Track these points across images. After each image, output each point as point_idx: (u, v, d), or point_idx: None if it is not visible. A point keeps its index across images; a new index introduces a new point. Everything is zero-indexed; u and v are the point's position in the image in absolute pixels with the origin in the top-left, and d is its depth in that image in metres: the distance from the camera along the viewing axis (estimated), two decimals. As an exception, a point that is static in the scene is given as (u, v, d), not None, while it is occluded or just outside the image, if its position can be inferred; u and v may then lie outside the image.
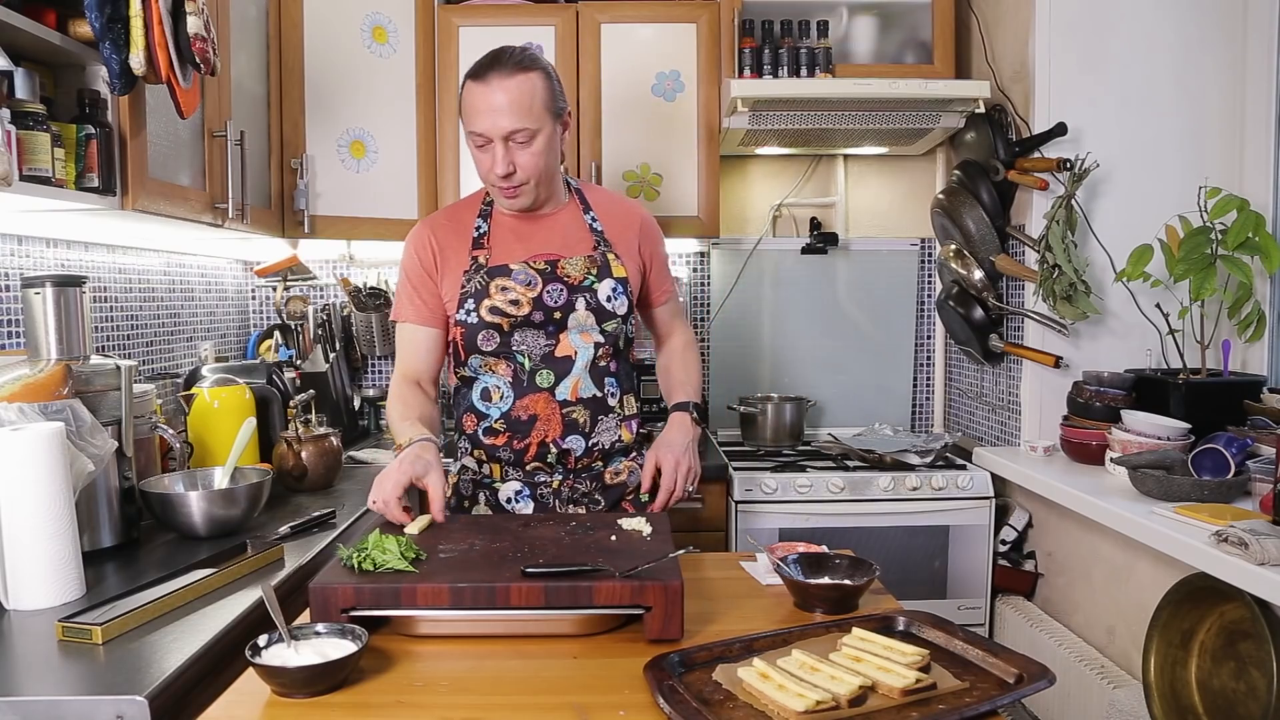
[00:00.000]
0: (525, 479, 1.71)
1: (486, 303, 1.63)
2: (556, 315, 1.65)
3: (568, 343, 1.67)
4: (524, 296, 1.63)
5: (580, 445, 1.69)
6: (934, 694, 1.00)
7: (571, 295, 1.65)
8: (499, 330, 1.64)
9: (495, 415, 1.68)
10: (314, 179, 2.53)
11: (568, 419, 1.68)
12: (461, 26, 2.74)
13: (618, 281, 1.70)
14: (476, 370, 1.69)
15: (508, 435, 1.68)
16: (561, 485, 1.71)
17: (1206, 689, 1.80)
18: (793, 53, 2.69)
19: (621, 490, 1.75)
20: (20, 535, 1.31)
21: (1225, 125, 2.42)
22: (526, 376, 1.66)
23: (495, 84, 1.56)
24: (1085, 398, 2.27)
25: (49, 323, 1.57)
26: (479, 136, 1.59)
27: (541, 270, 1.65)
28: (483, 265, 1.66)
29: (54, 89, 1.65)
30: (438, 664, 1.12)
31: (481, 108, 1.57)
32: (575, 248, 1.70)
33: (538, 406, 1.67)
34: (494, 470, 1.73)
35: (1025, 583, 2.55)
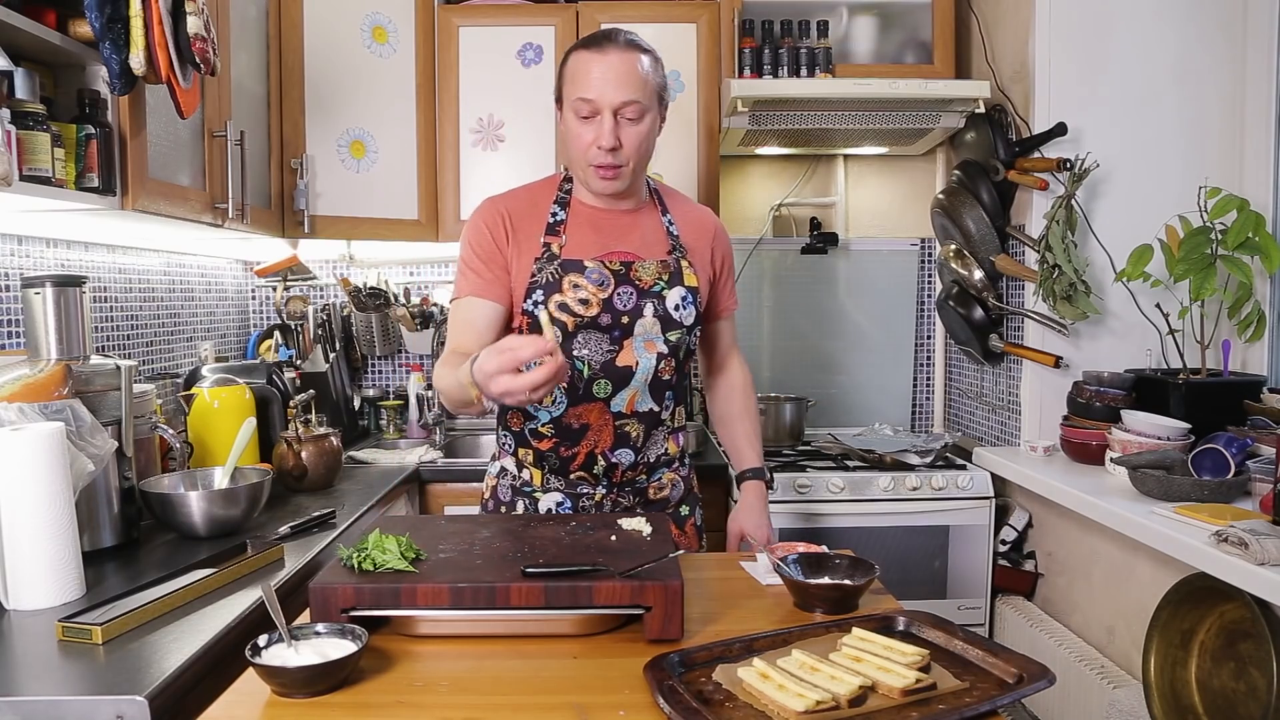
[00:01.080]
0: (567, 489, 1.65)
1: (556, 298, 1.56)
2: (624, 320, 1.58)
3: (630, 352, 1.60)
4: (594, 297, 1.56)
5: (629, 459, 1.64)
6: (934, 694, 1.00)
7: (641, 300, 1.59)
8: (564, 330, 1.57)
9: (544, 419, 1.62)
10: (314, 179, 2.53)
11: (619, 431, 1.62)
12: (461, 26, 2.74)
13: (688, 290, 1.64)
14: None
15: (555, 441, 1.63)
16: (604, 498, 1.66)
17: (1206, 689, 1.80)
18: (793, 53, 2.69)
19: (663, 506, 1.71)
20: (20, 535, 1.31)
21: (1225, 125, 2.42)
22: (583, 384, 1.59)
23: (612, 54, 1.51)
24: (1085, 398, 2.27)
25: (49, 323, 1.57)
26: (587, 104, 1.51)
27: (616, 271, 1.58)
28: (556, 255, 1.58)
29: (54, 89, 1.65)
30: (438, 664, 1.12)
31: (595, 75, 1.50)
32: (651, 250, 1.63)
33: (590, 416, 1.61)
34: (534, 477, 1.67)
35: (1025, 583, 2.55)
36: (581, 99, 1.52)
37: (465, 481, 2.53)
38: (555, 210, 1.63)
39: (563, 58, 1.60)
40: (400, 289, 3.09)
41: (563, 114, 1.59)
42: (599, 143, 1.53)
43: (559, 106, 1.61)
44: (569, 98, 1.55)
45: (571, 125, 1.56)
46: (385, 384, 3.17)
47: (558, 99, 1.61)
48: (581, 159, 1.57)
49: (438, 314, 3.02)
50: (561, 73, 1.59)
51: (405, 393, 3.04)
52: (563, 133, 1.62)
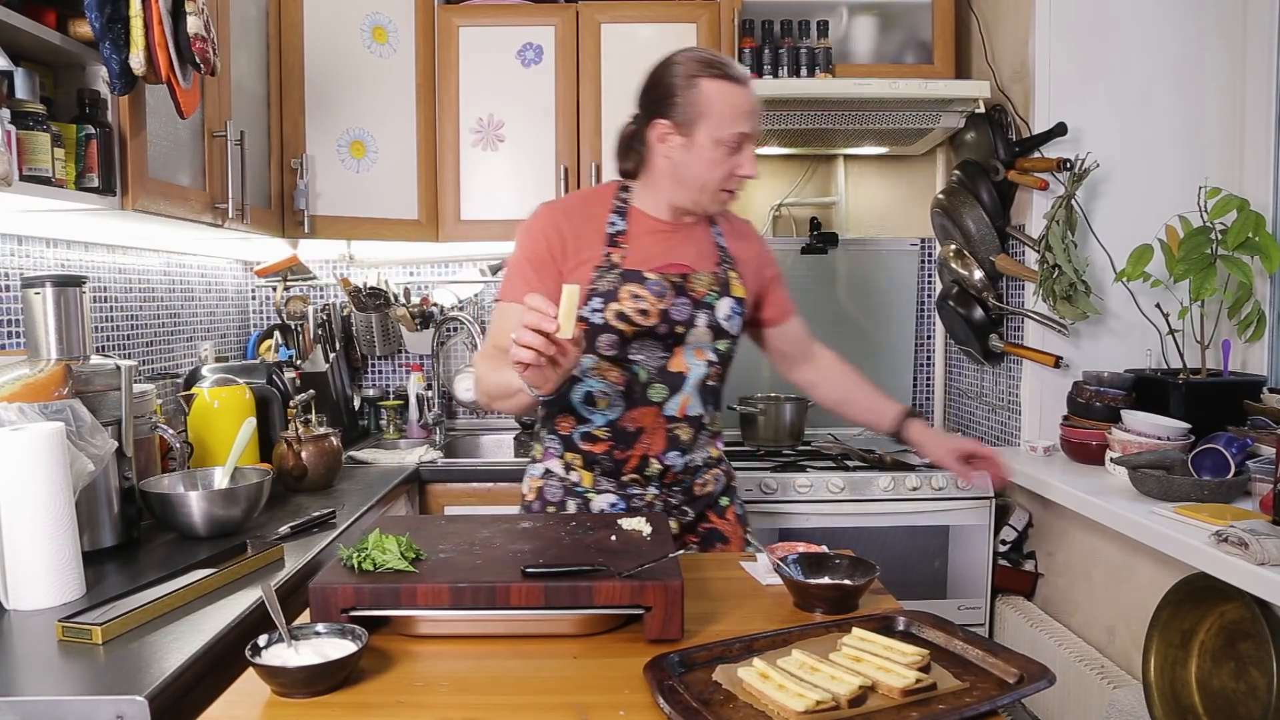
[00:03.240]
0: (618, 490, 1.67)
1: (615, 306, 1.57)
2: (678, 330, 1.61)
3: (682, 359, 1.63)
4: (653, 307, 1.58)
5: (680, 462, 1.67)
6: (934, 694, 1.00)
7: (695, 311, 1.61)
8: (621, 337, 1.58)
9: (599, 422, 1.63)
10: (314, 179, 2.53)
11: (671, 434, 1.65)
12: (461, 26, 2.74)
13: (736, 301, 1.67)
14: (585, 371, 1.61)
15: (610, 444, 1.64)
16: (655, 499, 1.68)
17: (1206, 689, 1.80)
18: (793, 53, 2.69)
19: (708, 499, 1.75)
20: (20, 535, 1.31)
21: (1225, 125, 2.42)
22: (640, 388, 1.61)
23: (749, 85, 1.55)
24: (1085, 398, 2.27)
25: (49, 323, 1.57)
26: (741, 136, 1.54)
27: (675, 283, 1.60)
28: (616, 265, 1.59)
29: (54, 89, 1.65)
30: (438, 664, 1.12)
31: (746, 109, 1.54)
32: (703, 262, 1.65)
33: (645, 420, 1.63)
34: (585, 479, 1.68)
35: (1025, 583, 2.55)
36: (737, 133, 1.54)
37: (465, 481, 2.53)
38: (614, 220, 1.64)
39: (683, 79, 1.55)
40: (400, 289, 3.09)
41: (690, 138, 1.55)
42: (742, 171, 1.57)
43: (679, 130, 1.55)
44: (716, 128, 1.53)
45: (708, 152, 1.55)
46: (385, 384, 3.17)
47: (678, 121, 1.55)
48: (713, 183, 1.58)
49: (438, 314, 3.02)
50: (692, 98, 1.54)
51: (405, 393, 3.04)
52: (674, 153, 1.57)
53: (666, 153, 1.58)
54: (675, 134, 1.56)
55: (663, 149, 1.58)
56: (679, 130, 1.56)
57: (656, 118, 1.57)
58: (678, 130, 1.56)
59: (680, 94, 1.54)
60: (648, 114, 1.60)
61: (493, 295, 3.14)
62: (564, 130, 2.76)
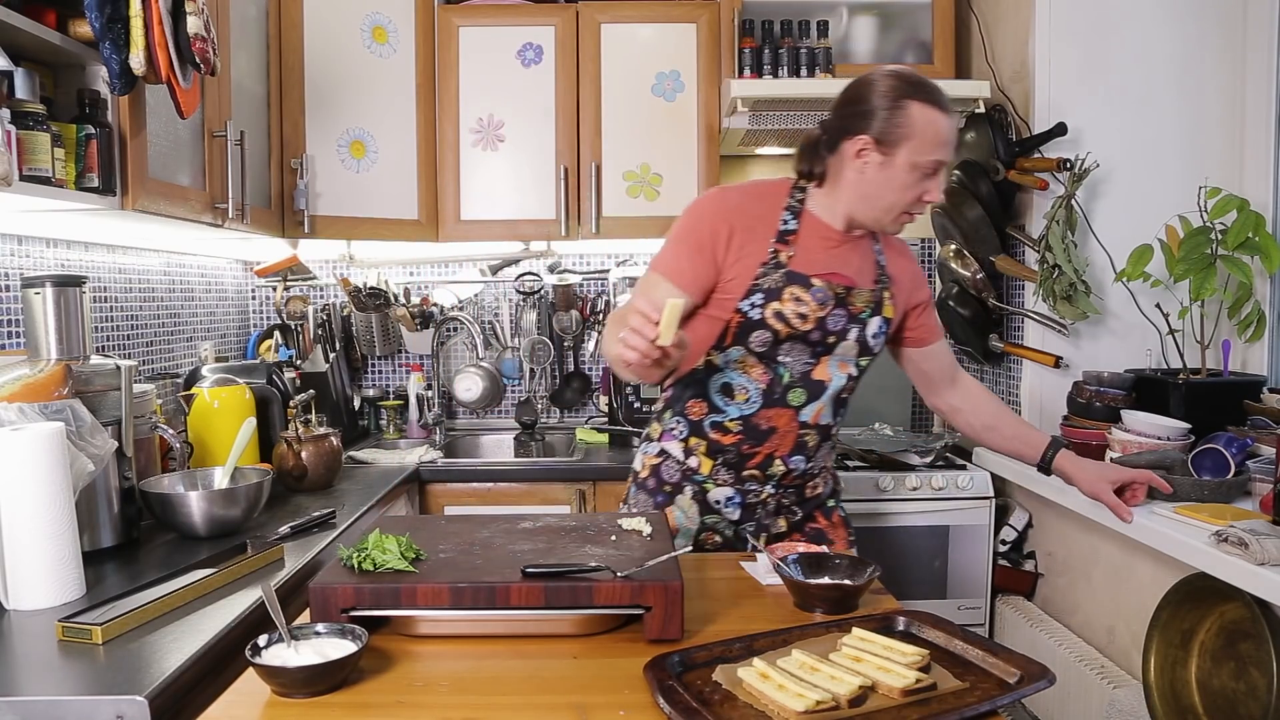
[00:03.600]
0: (736, 483, 1.68)
1: (775, 305, 1.57)
2: (830, 340, 1.61)
3: (826, 368, 1.63)
4: (813, 314, 1.58)
5: (801, 466, 1.68)
6: (934, 694, 1.00)
7: (848, 324, 1.62)
8: (775, 337, 1.58)
9: (733, 414, 1.64)
10: (314, 179, 2.53)
11: (800, 439, 1.65)
12: (461, 26, 2.74)
13: (884, 321, 1.67)
14: (729, 363, 1.62)
15: (740, 438, 1.64)
16: (769, 497, 1.69)
17: (1206, 689, 1.80)
18: (793, 53, 2.69)
19: (817, 500, 1.76)
20: (20, 535, 1.31)
21: (1225, 125, 2.42)
22: (781, 390, 1.62)
23: (952, 114, 1.56)
24: (1085, 398, 2.27)
25: (49, 323, 1.57)
26: (937, 163, 1.54)
27: (838, 293, 1.60)
28: (783, 264, 1.59)
29: (54, 89, 1.65)
30: (438, 664, 1.12)
31: (947, 136, 1.54)
32: (863, 278, 1.65)
33: (780, 421, 1.63)
34: (704, 466, 1.68)
35: (1025, 583, 2.55)
36: (939, 159, 1.54)
37: (465, 481, 2.53)
38: (787, 218, 1.63)
39: (889, 99, 1.53)
40: (400, 289, 3.09)
41: (889, 158, 1.54)
42: (929, 196, 1.57)
43: (880, 148, 1.54)
44: (917, 152, 1.53)
45: (903, 174, 1.54)
46: (385, 384, 3.17)
47: (879, 139, 1.53)
48: (900, 205, 1.58)
49: (438, 314, 3.02)
50: (899, 118, 1.53)
51: (405, 393, 3.04)
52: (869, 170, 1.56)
53: (860, 168, 1.57)
54: (875, 151, 1.55)
55: (857, 164, 1.57)
56: (879, 148, 1.54)
57: (858, 133, 1.55)
58: (878, 148, 1.54)
59: (886, 113, 1.53)
60: (845, 126, 1.58)
61: (492, 295, 3.14)
62: (564, 130, 2.76)
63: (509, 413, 3.16)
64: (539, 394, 3.14)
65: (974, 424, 1.84)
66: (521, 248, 3.04)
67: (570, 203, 2.77)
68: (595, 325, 3.11)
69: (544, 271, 3.10)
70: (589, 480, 2.54)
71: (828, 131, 1.62)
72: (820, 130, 1.64)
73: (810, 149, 1.65)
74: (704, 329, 1.62)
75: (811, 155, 1.64)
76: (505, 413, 3.17)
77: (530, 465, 2.59)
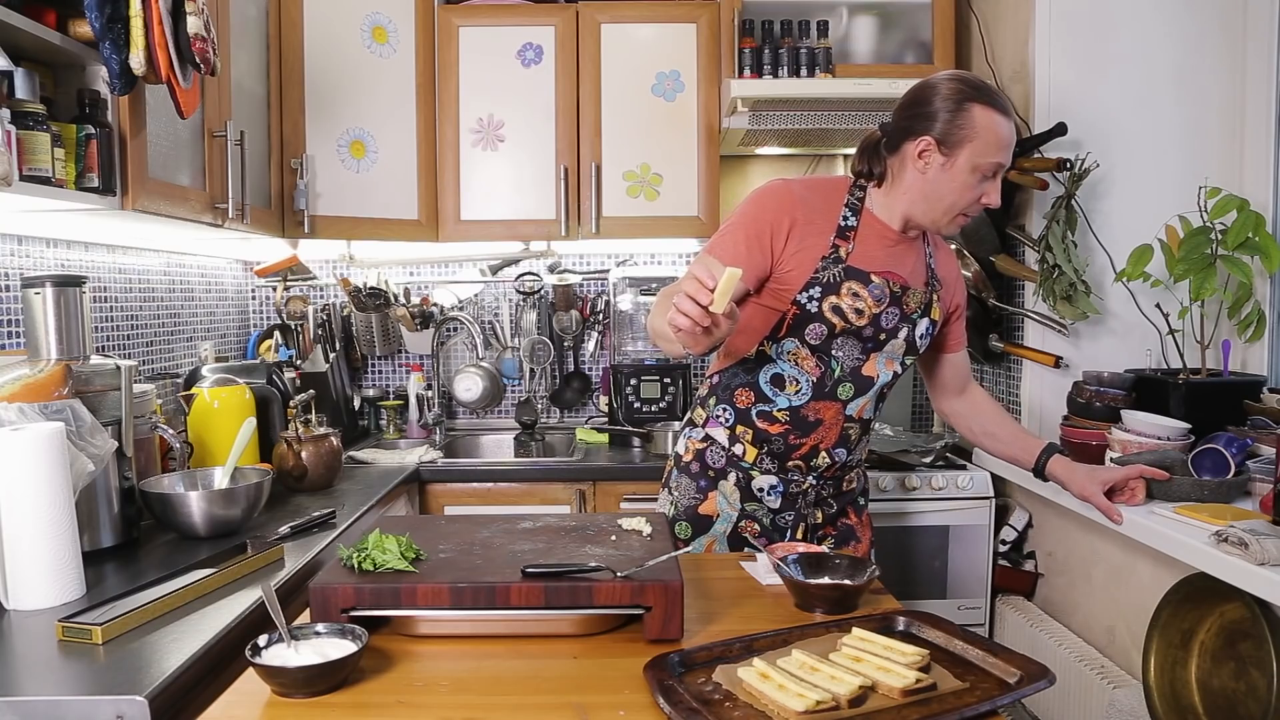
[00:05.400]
0: (779, 473, 1.70)
1: (832, 299, 1.59)
2: (881, 337, 1.64)
3: (874, 364, 1.66)
4: (869, 310, 1.60)
5: (843, 458, 1.71)
6: (934, 694, 1.00)
7: (900, 323, 1.65)
8: (830, 330, 1.61)
9: (781, 405, 1.66)
10: (314, 179, 2.53)
11: (844, 432, 1.68)
12: (461, 26, 2.74)
13: (932, 323, 1.70)
14: (782, 353, 1.64)
15: (787, 428, 1.66)
16: (810, 488, 1.71)
17: (1206, 689, 1.80)
18: (793, 53, 2.69)
19: (850, 496, 1.79)
20: (20, 535, 1.31)
21: (1225, 125, 2.42)
22: (831, 383, 1.64)
23: (1013, 118, 1.57)
24: (1085, 398, 2.27)
25: (49, 323, 1.57)
26: (997, 166, 1.56)
27: (894, 292, 1.63)
28: (842, 259, 1.61)
29: (54, 89, 1.65)
30: (438, 664, 1.12)
31: (1007, 140, 1.56)
32: (915, 279, 1.68)
33: (827, 414, 1.66)
34: (748, 454, 1.70)
35: (1025, 583, 2.55)
36: (998, 162, 1.56)
37: (465, 481, 2.53)
38: (847, 214, 1.65)
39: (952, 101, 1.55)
40: (400, 289, 3.09)
41: (950, 159, 1.56)
42: (987, 199, 1.59)
43: (942, 149, 1.56)
44: (978, 154, 1.55)
45: (963, 176, 1.56)
46: (385, 384, 3.17)
47: (942, 140, 1.55)
48: (958, 206, 1.59)
49: (438, 314, 3.02)
50: (962, 120, 1.54)
51: (405, 393, 3.04)
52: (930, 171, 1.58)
53: (922, 169, 1.58)
54: (937, 152, 1.56)
55: (919, 165, 1.58)
56: (941, 149, 1.56)
57: (920, 134, 1.57)
58: (940, 149, 1.56)
59: (948, 115, 1.55)
60: (907, 128, 1.59)
61: (492, 295, 3.14)
62: (564, 130, 2.76)
63: (509, 413, 3.16)
64: (539, 394, 3.14)
65: (975, 430, 1.89)
66: (521, 248, 3.04)
67: (570, 203, 2.77)
68: (595, 325, 3.11)
69: (544, 271, 3.10)
70: (589, 480, 2.54)
71: (889, 132, 1.64)
72: (880, 131, 1.66)
73: (871, 149, 1.66)
74: (758, 319, 1.64)
75: (872, 155, 1.66)
76: (505, 413, 3.17)
77: (530, 465, 2.59)
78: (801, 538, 1.70)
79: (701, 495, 1.73)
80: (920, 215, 1.63)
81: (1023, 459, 1.85)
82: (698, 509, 1.72)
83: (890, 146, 1.63)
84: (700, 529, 1.72)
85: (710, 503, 1.72)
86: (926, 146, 1.57)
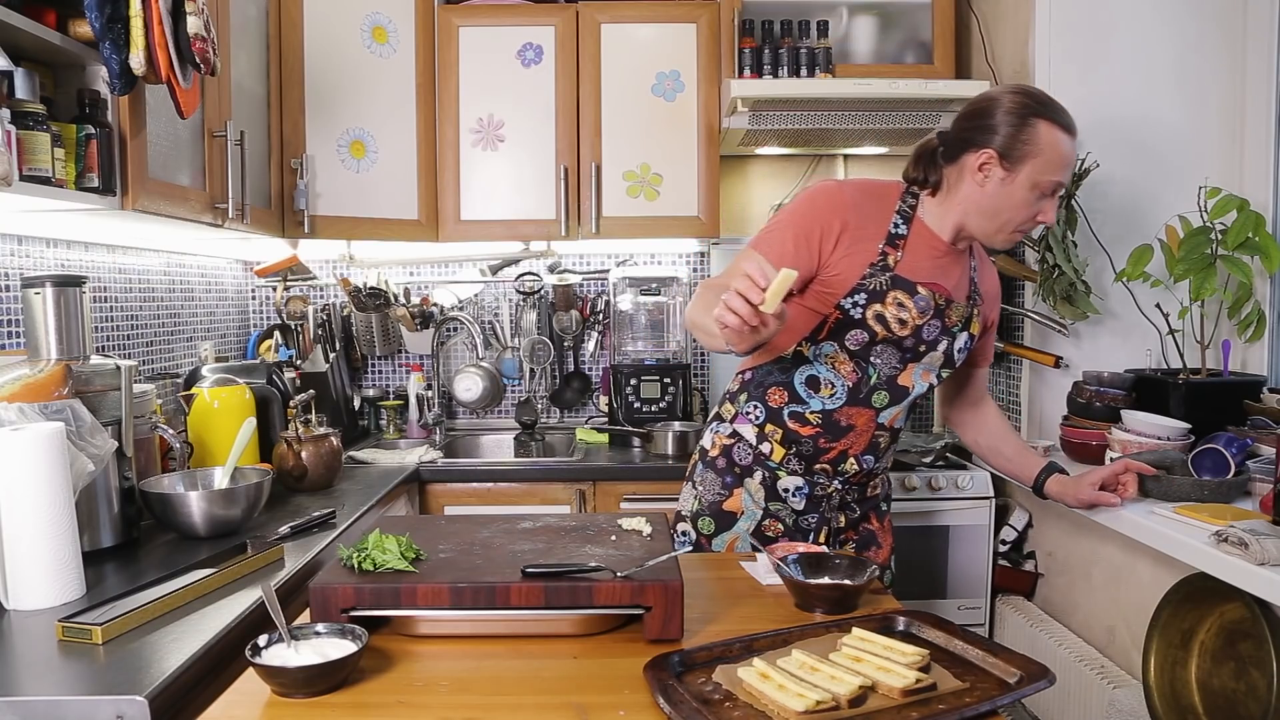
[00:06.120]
0: (806, 474, 1.69)
1: (876, 307, 1.58)
2: (921, 349, 1.63)
3: (911, 375, 1.65)
4: (913, 321, 1.59)
5: (870, 464, 1.70)
6: (934, 694, 1.00)
7: (940, 336, 1.64)
8: (871, 337, 1.59)
9: (815, 407, 1.65)
10: (314, 179, 2.53)
11: (874, 440, 1.68)
12: (461, 26, 2.74)
13: (970, 337, 1.70)
14: (820, 356, 1.63)
15: (818, 431, 1.65)
16: (835, 491, 1.70)
17: (1206, 689, 1.80)
18: (793, 53, 2.69)
19: (873, 501, 1.78)
20: (20, 535, 1.31)
21: (1225, 125, 2.42)
22: (867, 390, 1.63)
23: (1074, 136, 1.57)
24: (1085, 398, 2.27)
25: (49, 323, 1.57)
26: (1057, 184, 1.55)
27: (938, 304, 1.61)
28: (890, 268, 1.59)
29: (54, 89, 1.65)
30: (438, 664, 1.12)
31: (1070, 159, 1.56)
32: (959, 292, 1.67)
33: (860, 420, 1.65)
34: (776, 453, 1.68)
35: (1025, 583, 2.55)
36: (1058, 181, 1.55)
37: (465, 481, 2.53)
38: (898, 222, 1.63)
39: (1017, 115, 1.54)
40: (400, 289, 3.09)
41: (1011, 174, 1.55)
42: (1043, 217, 1.58)
43: (1004, 163, 1.55)
44: (1040, 171, 1.54)
45: (1023, 192, 1.55)
46: (385, 384, 3.17)
47: (1004, 154, 1.54)
48: (1014, 222, 1.59)
49: (438, 314, 3.02)
50: (1026, 135, 1.54)
51: (405, 393, 3.04)
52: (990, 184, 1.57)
53: (981, 181, 1.57)
54: (998, 166, 1.55)
55: (978, 177, 1.57)
56: (1003, 164, 1.55)
57: (982, 146, 1.56)
58: (1001, 163, 1.55)
59: (1013, 129, 1.54)
60: (969, 139, 1.58)
61: (492, 295, 3.14)
62: (564, 130, 2.76)
63: (509, 413, 3.16)
64: (539, 394, 3.14)
65: (980, 443, 1.91)
66: (521, 248, 3.04)
67: (570, 203, 2.77)
68: (595, 325, 3.11)
69: (544, 271, 3.10)
70: (589, 480, 2.54)
71: (947, 142, 1.62)
72: (938, 140, 1.64)
73: (927, 157, 1.65)
74: (800, 319, 1.62)
75: (928, 163, 1.64)
76: (505, 413, 3.17)
77: (530, 465, 2.59)
78: (824, 541, 1.70)
79: (726, 491, 1.71)
80: (974, 228, 1.62)
81: (1023, 476, 1.87)
82: (722, 505, 1.71)
83: (948, 156, 1.61)
84: (723, 525, 1.71)
85: (735, 499, 1.70)
86: (988, 159, 1.55)
